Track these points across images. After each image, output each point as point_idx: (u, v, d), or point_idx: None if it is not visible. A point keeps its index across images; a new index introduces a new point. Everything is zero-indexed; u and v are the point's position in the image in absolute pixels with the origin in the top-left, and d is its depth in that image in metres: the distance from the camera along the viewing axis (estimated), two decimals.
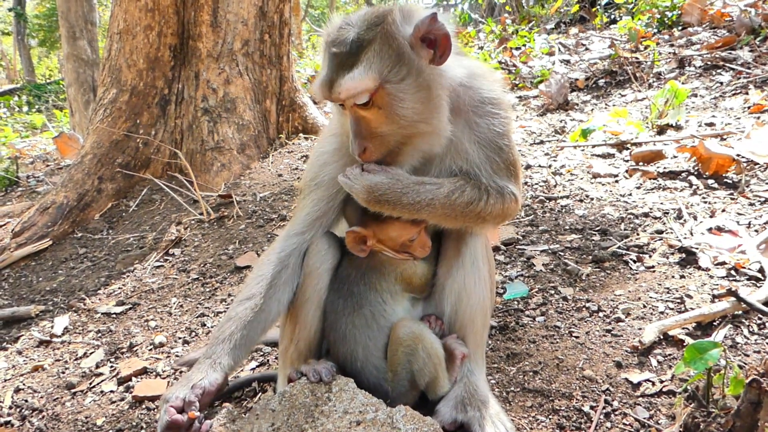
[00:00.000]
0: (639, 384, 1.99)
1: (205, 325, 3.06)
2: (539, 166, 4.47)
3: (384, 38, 1.68)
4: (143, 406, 2.44)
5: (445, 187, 1.83)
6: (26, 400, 2.67)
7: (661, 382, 1.98)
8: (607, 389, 2.00)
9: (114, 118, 5.24)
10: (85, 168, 5.07)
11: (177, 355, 2.80)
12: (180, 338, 2.96)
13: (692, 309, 2.31)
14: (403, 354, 1.89)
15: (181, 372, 2.63)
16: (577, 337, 2.33)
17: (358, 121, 1.75)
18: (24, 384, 2.82)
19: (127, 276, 3.95)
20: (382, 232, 1.93)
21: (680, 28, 7.84)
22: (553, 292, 2.70)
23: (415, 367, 1.89)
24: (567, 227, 3.34)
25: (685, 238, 2.89)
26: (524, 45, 9.45)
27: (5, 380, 2.90)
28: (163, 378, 2.62)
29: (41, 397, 2.68)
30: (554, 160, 4.55)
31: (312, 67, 11.21)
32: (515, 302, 2.69)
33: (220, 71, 5.41)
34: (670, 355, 2.11)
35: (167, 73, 5.43)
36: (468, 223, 1.93)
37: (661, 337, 2.19)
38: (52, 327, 3.39)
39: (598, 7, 10.76)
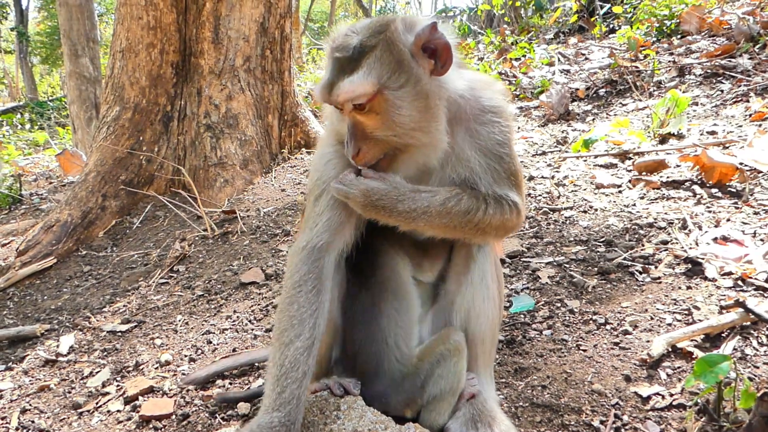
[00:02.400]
0: (649, 398, 1.98)
1: (211, 342, 3.05)
2: (542, 177, 4.47)
3: (386, 45, 1.70)
4: (150, 426, 2.43)
5: (441, 195, 1.82)
6: (33, 421, 2.66)
7: (671, 395, 1.96)
8: (617, 403, 1.99)
9: (117, 136, 5.27)
10: (88, 185, 5.09)
11: (183, 373, 2.79)
12: (186, 356, 2.96)
13: (700, 320, 2.30)
14: (439, 353, 1.91)
15: (187, 390, 2.62)
16: (584, 351, 2.32)
17: (354, 125, 1.76)
18: (30, 404, 2.81)
19: (132, 293, 3.95)
20: None
21: (679, 36, 7.87)
22: (559, 304, 2.70)
23: (437, 370, 1.89)
24: (572, 239, 3.34)
25: (690, 248, 2.88)
26: (524, 55, 9.49)
27: (11, 401, 2.89)
28: (170, 397, 2.60)
29: (48, 418, 2.67)
30: (557, 171, 4.56)
31: (312, 81, 11.27)
32: (522, 315, 2.68)
33: (222, 87, 5.44)
34: (679, 367, 2.10)
35: (169, 90, 5.47)
36: (467, 235, 1.91)
37: (670, 349, 2.18)
38: (57, 346, 3.38)
39: (597, 16, 10.81)
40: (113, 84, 5.42)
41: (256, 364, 2.74)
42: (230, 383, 2.63)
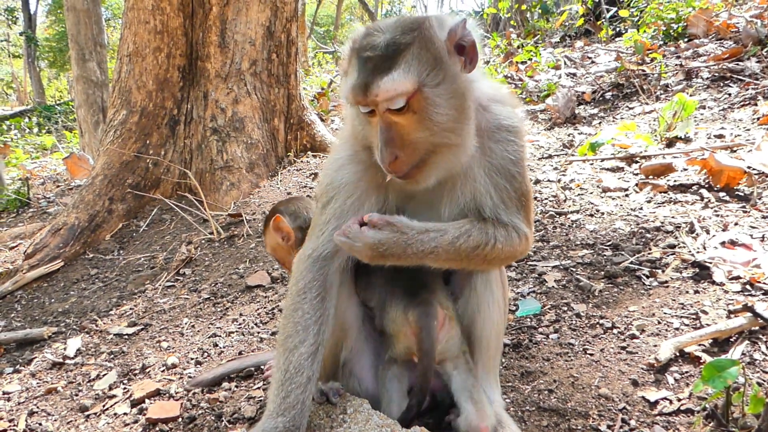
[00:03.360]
0: (656, 402, 1.97)
1: (217, 345, 3.06)
2: (548, 180, 4.46)
3: (422, 42, 1.64)
4: (157, 429, 2.43)
5: (450, 234, 1.78)
6: (40, 424, 2.67)
7: (679, 400, 1.95)
8: (624, 408, 1.97)
9: (124, 140, 5.29)
10: (95, 189, 5.11)
11: (190, 376, 2.79)
12: (192, 359, 2.96)
13: (708, 325, 2.29)
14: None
15: (194, 393, 2.63)
16: (591, 355, 2.31)
17: (389, 128, 1.65)
18: (38, 407, 2.82)
19: (139, 296, 3.96)
20: None
21: (686, 39, 7.85)
22: (566, 308, 2.69)
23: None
24: (578, 242, 3.33)
25: (698, 252, 2.86)
26: (530, 59, 9.49)
27: (19, 403, 2.91)
28: (177, 399, 2.61)
29: (55, 420, 2.68)
30: (563, 175, 4.55)
31: (318, 84, 11.29)
32: (528, 319, 2.67)
33: (229, 91, 5.46)
34: (687, 372, 2.09)
35: (176, 94, 5.49)
36: (472, 266, 1.89)
37: (677, 354, 2.17)
38: (65, 349, 3.40)
39: (603, 20, 10.80)
40: (120, 88, 5.45)
41: (262, 367, 2.74)
42: (236, 386, 2.64)
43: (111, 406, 2.70)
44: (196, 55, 5.52)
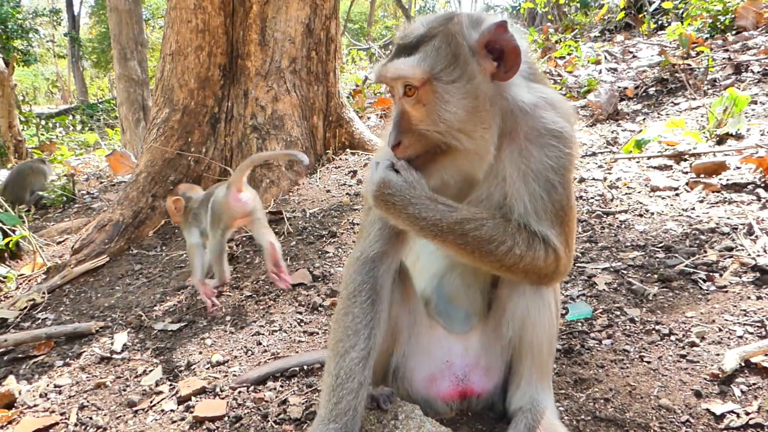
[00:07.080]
0: (722, 416, 1.87)
1: (260, 343, 3.06)
2: (593, 179, 4.35)
3: (445, 36, 1.64)
4: (204, 427, 2.44)
5: (460, 214, 1.68)
6: (91, 418, 2.71)
7: (747, 414, 1.86)
8: (687, 420, 1.89)
9: (167, 137, 5.36)
10: (139, 186, 5.20)
11: (234, 374, 2.81)
12: (236, 357, 2.98)
13: None
14: None
15: (239, 392, 2.63)
16: (648, 363, 2.22)
17: (401, 114, 1.71)
18: (88, 401, 2.87)
19: (182, 293, 4.00)
20: None
21: (734, 32, 7.58)
22: (618, 313, 2.60)
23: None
24: (628, 244, 3.23)
25: (758, 255, 2.74)
26: (569, 54, 9.30)
27: (70, 396, 2.96)
28: (222, 398, 2.62)
29: (105, 415, 2.72)
30: (609, 173, 4.43)
31: (353, 81, 11.29)
32: (579, 323, 2.60)
33: (269, 89, 5.48)
34: (754, 384, 1.99)
35: (217, 92, 5.54)
36: (491, 267, 1.77)
37: (743, 364, 2.06)
38: (112, 343, 3.45)
39: (645, 13, 10.50)
40: (163, 87, 5.52)
41: (305, 367, 2.73)
42: (281, 386, 2.63)
43: (158, 403, 2.73)
44: (236, 54, 5.55)
